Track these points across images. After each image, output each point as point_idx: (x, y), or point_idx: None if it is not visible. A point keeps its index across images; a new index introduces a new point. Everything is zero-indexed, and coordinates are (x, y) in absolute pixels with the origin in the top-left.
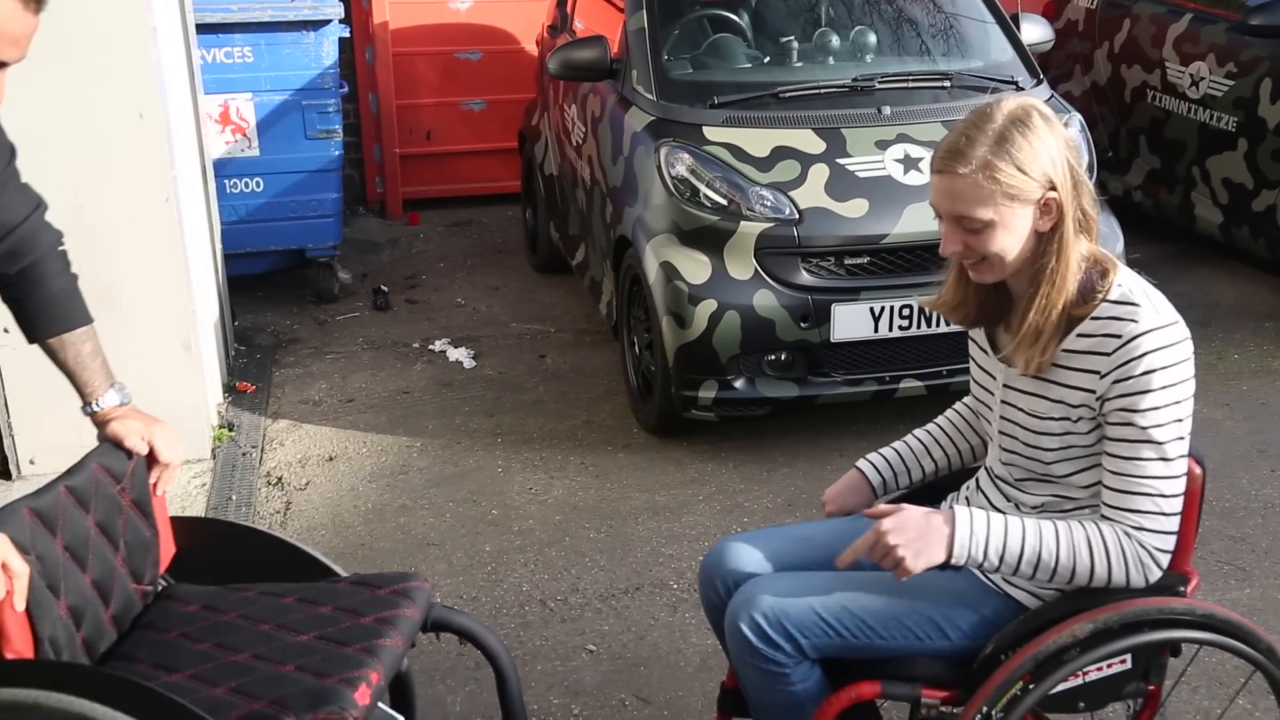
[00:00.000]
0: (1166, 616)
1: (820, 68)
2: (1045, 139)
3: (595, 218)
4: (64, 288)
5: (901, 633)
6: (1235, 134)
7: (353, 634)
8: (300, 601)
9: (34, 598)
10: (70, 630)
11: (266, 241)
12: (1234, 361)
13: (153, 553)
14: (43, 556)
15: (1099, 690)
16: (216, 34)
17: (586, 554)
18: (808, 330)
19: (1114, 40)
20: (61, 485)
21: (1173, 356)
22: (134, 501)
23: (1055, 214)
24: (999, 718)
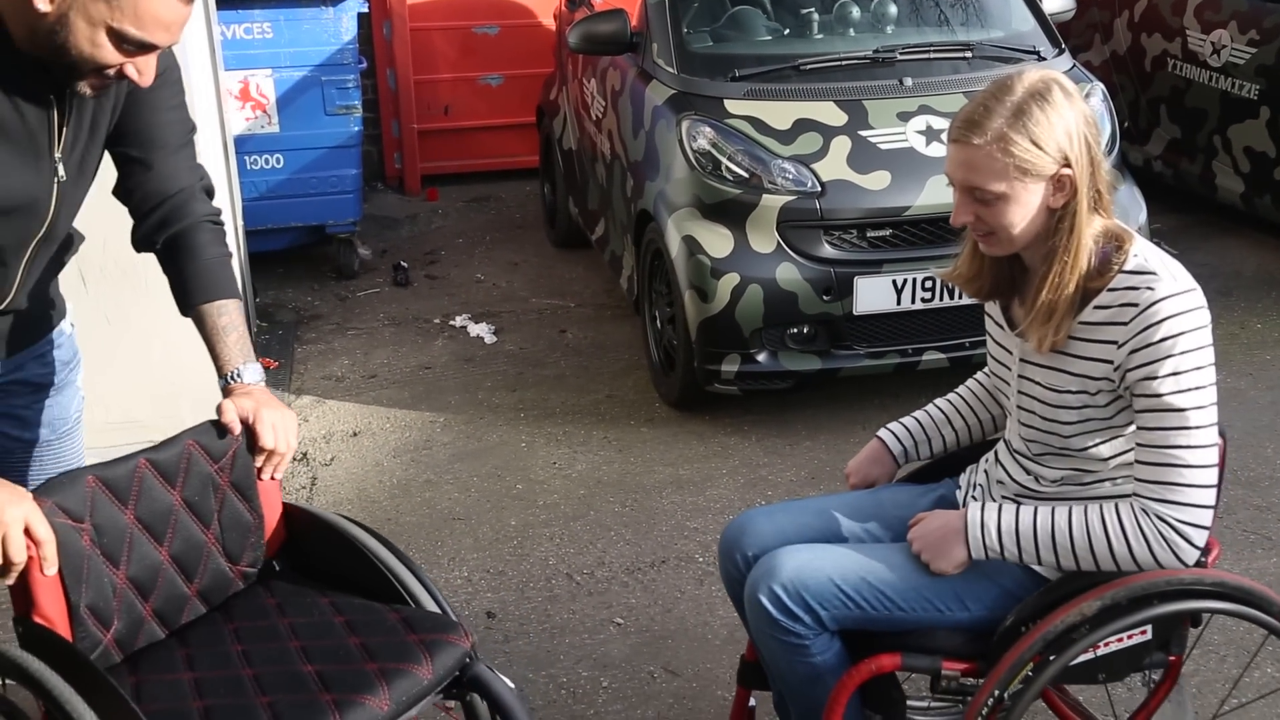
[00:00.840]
0: (1176, 588)
1: (841, 39)
2: (1064, 114)
3: (615, 192)
4: (209, 261)
5: (921, 604)
6: (1257, 102)
7: (342, 681)
8: (342, 622)
9: (70, 565)
10: (131, 601)
11: (286, 218)
12: (1256, 331)
13: (253, 536)
14: (100, 526)
15: (1117, 662)
16: (236, 9)
17: (612, 528)
18: (830, 303)
19: (1134, 9)
20: (142, 458)
21: (1192, 322)
22: (233, 483)
23: (1069, 191)
24: (1014, 694)
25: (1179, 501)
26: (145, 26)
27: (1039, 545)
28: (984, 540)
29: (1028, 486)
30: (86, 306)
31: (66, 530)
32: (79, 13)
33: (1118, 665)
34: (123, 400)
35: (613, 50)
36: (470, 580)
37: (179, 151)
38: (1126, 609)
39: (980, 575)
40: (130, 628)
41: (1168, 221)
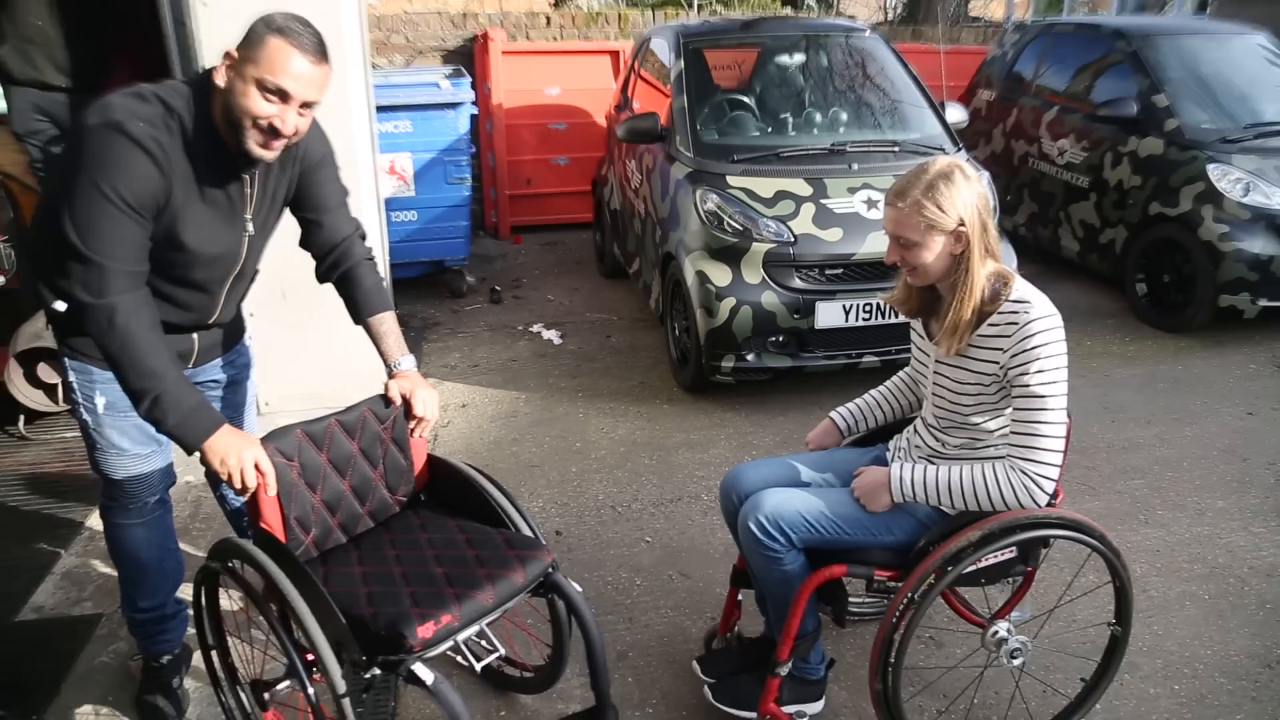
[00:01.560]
0: (1033, 521)
1: (807, 136)
2: (961, 189)
3: (647, 239)
4: (369, 288)
5: (861, 530)
6: (1088, 189)
7: (462, 580)
8: (464, 539)
9: (284, 488)
10: (323, 515)
11: (418, 255)
12: (1086, 346)
13: (406, 475)
14: (305, 464)
15: (994, 572)
16: (388, 112)
17: (642, 474)
18: (799, 320)
19: (1006, 122)
20: (333, 419)
21: (1053, 335)
22: (394, 439)
23: (964, 243)
24: (923, 593)
25: (1036, 460)
26: (276, 71)
27: (939, 492)
28: (902, 489)
29: (936, 450)
30: (285, 313)
31: (282, 466)
32: (239, 77)
33: (993, 574)
34: (308, 379)
35: (648, 140)
36: (544, 509)
37: (339, 210)
38: (999, 536)
39: (902, 511)
40: (323, 534)
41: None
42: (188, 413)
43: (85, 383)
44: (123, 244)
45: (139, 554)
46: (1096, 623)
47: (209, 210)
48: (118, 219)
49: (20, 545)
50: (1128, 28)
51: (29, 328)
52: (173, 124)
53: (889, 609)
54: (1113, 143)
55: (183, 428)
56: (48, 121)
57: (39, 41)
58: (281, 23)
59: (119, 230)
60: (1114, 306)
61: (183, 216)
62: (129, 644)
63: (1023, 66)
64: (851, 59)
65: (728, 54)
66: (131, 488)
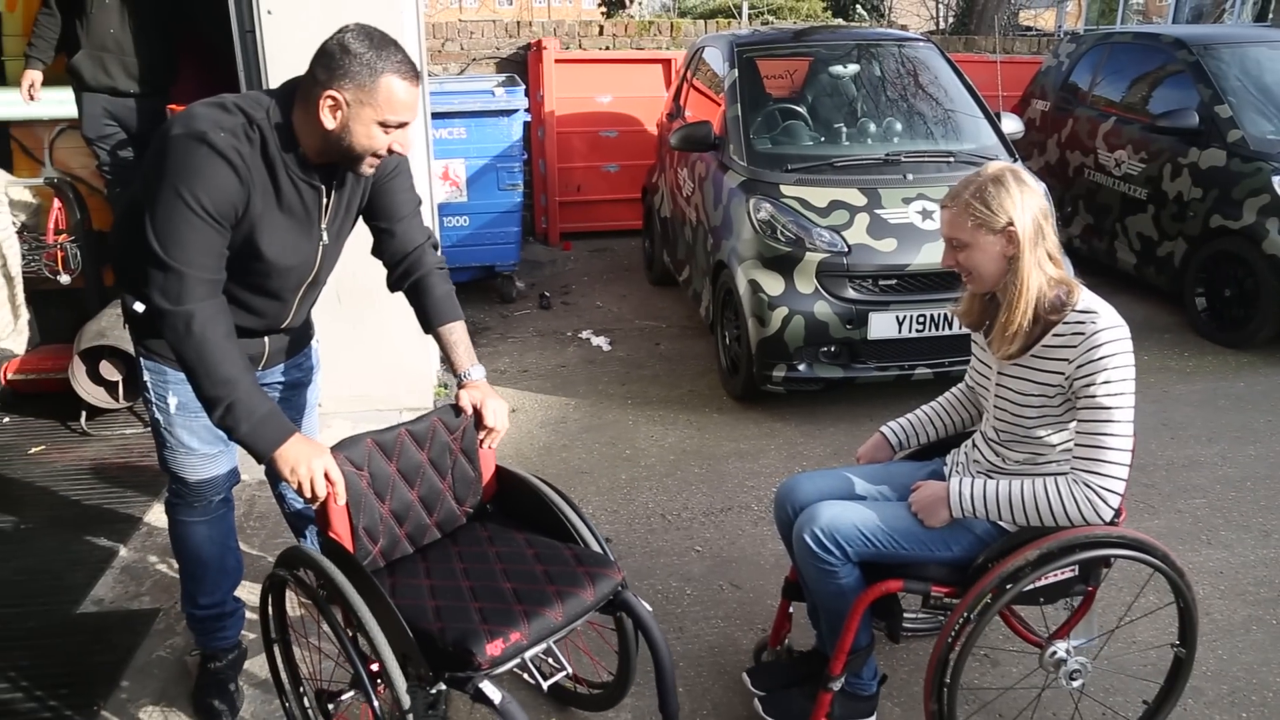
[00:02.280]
0: (1093, 540)
1: (861, 146)
2: (1012, 192)
3: (698, 247)
4: (440, 297)
5: (919, 545)
6: (1145, 201)
7: (531, 596)
8: (532, 554)
9: (353, 498)
10: (391, 525)
11: (469, 260)
12: (1143, 361)
13: (474, 486)
14: (374, 474)
15: (1053, 591)
16: (444, 119)
17: (692, 483)
18: (851, 330)
19: (1061, 133)
20: (403, 428)
21: (1121, 347)
22: (463, 449)
23: (1015, 245)
24: (980, 611)
25: (1102, 474)
26: (398, 111)
27: (1000, 506)
28: (962, 504)
29: (996, 465)
30: (339, 316)
31: (351, 475)
32: (356, 121)
33: (1052, 593)
34: (359, 380)
35: (701, 148)
36: (594, 516)
37: (411, 219)
38: (1058, 554)
39: (960, 527)
40: (391, 544)
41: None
42: (259, 421)
43: (159, 383)
44: (202, 252)
45: (201, 551)
46: (1158, 644)
47: (286, 220)
48: (198, 227)
49: (81, 539)
50: (1189, 37)
51: (93, 326)
52: (254, 135)
53: (945, 627)
54: (1172, 154)
55: (254, 436)
56: (117, 126)
57: (112, 49)
58: (382, 57)
59: (199, 238)
60: (1171, 321)
61: (260, 226)
62: (186, 639)
63: (1079, 77)
64: (905, 68)
65: (779, 63)
66: (198, 486)
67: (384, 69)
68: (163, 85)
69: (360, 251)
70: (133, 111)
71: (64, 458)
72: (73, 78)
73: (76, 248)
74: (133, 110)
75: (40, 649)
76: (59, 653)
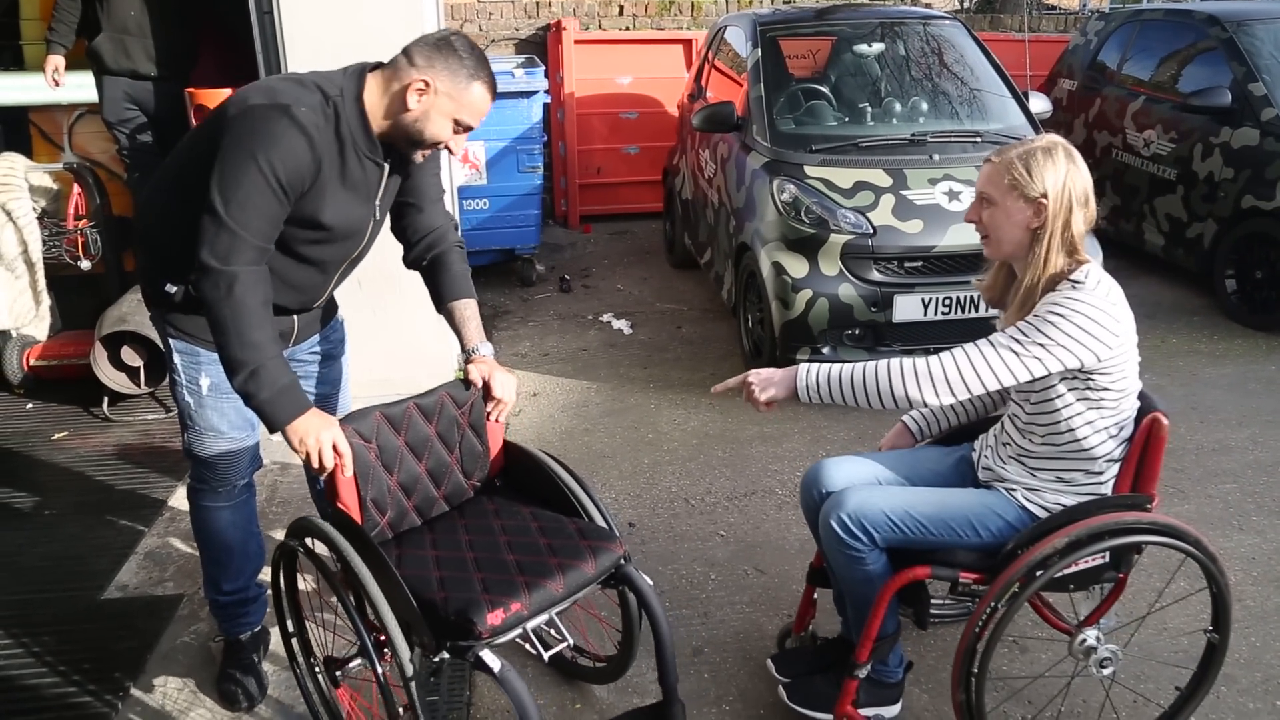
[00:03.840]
0: (1124, 526)
1: (887, 126)
2: (1058, 165)
3: (720, 230)
4: (457, 273)
5: (947, 531)
6: (1175, 182)
7: (533, 568)
8: (536, 527)
9: (361, 470)
10: (399, 498)
11: (489, 243)
12: (1172, 344)
13: (482, 461)
14: (382, 446)
15: (1083, 577)
16: None
17: (716, 467)
18: (876, 313)
19: (1088, 113)
20: (411, 402)
21: (1077, 307)
22: (471, 424)
23: (1043, 218)
24: (1010, 598)
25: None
26: (473, 116)
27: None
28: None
29: (1025, 449)
30: (360, 299)
31: (359, 448)
32: (435, 110)
33: (1082, 580)
34: (380, 364)
35: (724, 129)
36: (617, 500)
37: (437, 202)
38: (1088, 541)
39: (991, 511)
40: (399, 516)
41: (1110, 264)
42: (280, 390)
43: (191, 364)
44: (262, 218)
45: (224, 537)
46: (1189, 631)
47: (347, 193)
48: (265, 194)
49: (105, 525)
50: (1221, 13)
51: (114, 311)
52: (329, 111)
53: (973, 615)
54: (1203, 133)
55: (272, 404)
56: (137, 110)
57: (133, 32)
58: (478, 64)
59: (263, 205)
60: (1200, 303)
61: (324, 196)
62: (209, 625)
63: (1107, 55)
64: (930, 47)
65: (802, 43)
66: (223, 470)
67: (479, 77)
68: (183, 69)
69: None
70: (152, 95)
71: (87, 443)
72: (93, 61)
73: (96, 233)
74: (152, 94)
75: (66, 634)
76: (84, 638)
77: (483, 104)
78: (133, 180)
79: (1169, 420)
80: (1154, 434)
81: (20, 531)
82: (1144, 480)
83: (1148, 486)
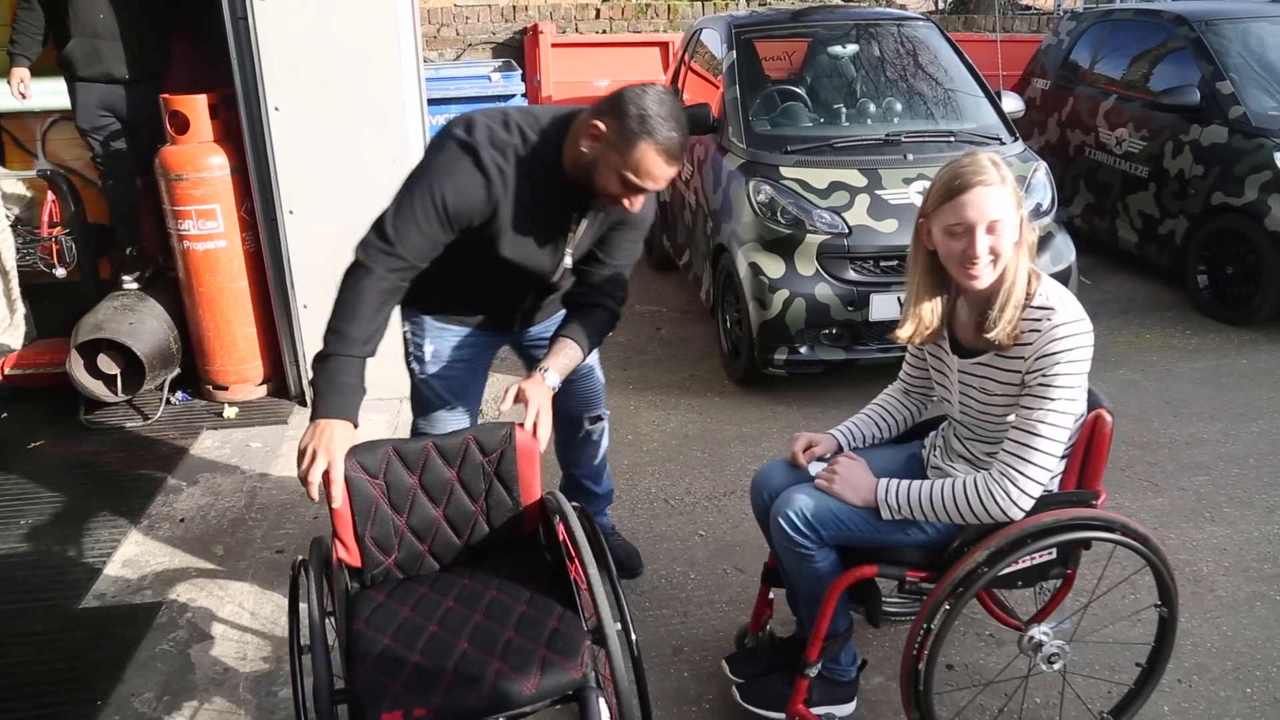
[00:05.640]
0: (1066, 523)
1: (861, 126)
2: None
3: (698, 231)
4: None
5: (894, 528)
6: (1147, 179)
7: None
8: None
9: (362, 505)
10: (411, 540)
11: None
12: (1146, 340)
13: (511, 516)
14: (391, 484)
15: (1031, 574)
16: (439, 105)
17: (695, 468)
18: (853, 312)
19: (1061, 112)
20: (430, 441)
21: (1076, 343)
22: (498, 474)
23: (1020, 230)
24: (957, 595)
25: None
26: (641, 177)
27: (924, 508)
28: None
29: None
30: None
31: (361, 482)
32: (604, 160)
33: (1031, 576)
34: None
35: (700, 131)
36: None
37: (622, 267)
38: (1034, 538)
39: None
40: (409, 559)
41: (1084, 261)
42: (335, 387)
43: (416, 331)
44: (419, 236)
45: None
46: (1143, 608)
47: (533, 232)
48: (429, 218)
49: (82, 533)
50: (1189, 13)
51: (89, 319)
52: (523, 154)
53: (919, 614)
54: (1173, 131)
55: (322, 394)
56: (111, 117)
57: (103, 34)
58: (654, 123)
59: (424, 226)
60: (1173, 299)
61: (503, 234)
62: (188, 632)
63: (1079, 55)
64: (905, 48)
65: (778, 45)
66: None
67: (650, 135)
68: (156, 70)
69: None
70: (125, 100)
71: (64, 452)
72: (64, 69)
73: (71, 240)
74: (125, 99)
75: (43, 645)
76: (61, 649)
77: (650, 166)
78: (107, 188)
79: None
80: (1098, 430)
81: None
82: (1089, 476)
83: (1093, 483)
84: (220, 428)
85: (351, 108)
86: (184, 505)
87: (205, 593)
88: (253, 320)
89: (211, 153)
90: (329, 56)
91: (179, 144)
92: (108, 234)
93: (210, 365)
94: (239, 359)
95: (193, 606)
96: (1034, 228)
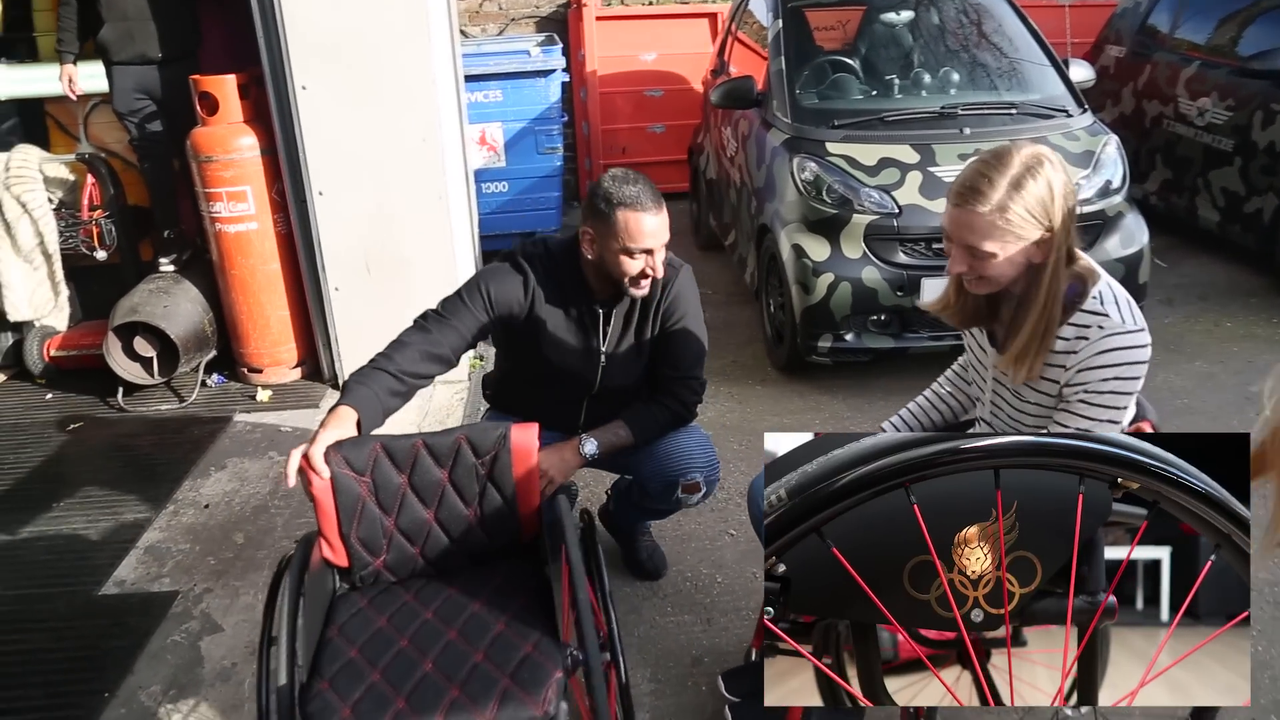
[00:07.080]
0: None
1: (915, 99)
2: (1055, 187)
3: (743, 210)
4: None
5: None
6: (1231, 153)
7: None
8: (496, 631)
9: (347, 504)
10: (401, 542)
11: (509, 227)
12: (1227, 329)
13: (507, 522)
14: (377, 482)
15: None
16: (478, 82)
17: (730, 461)
18: (902, 297)
19: (1137, 81)
20: (420, 439)
21: (1127, 356)
22: (491, 477)
23: (1045, 253)
24: None
25: None
26: (635, 239)
27: None
28: None
29: None
30: (369, 286)
31: (346, 479)
32: (605, 249)
33: None
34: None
35: (744, 105)
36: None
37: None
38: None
39: None
40: (399, 560)
41: (1160, 242)
42: (358, 380)
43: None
44: (461, 317)
45: None
46: None
47: (565, 331)
48: (474, 302)
49: (110, 518)
50: None
51: (125, 302)
52: (550, 265)
53: None
54: (1264, 100)
55: (346, 386)
56: (147, 99)
57: (134, 17)
58: (618, 193)
59: (464, 312)
60: (1258, 284)
61: (541, 330)
62: (201, 623)
63: (1158, 19)
64: (965, 14)
65: (830, 14)
66: None
67: (619, 204)
68: (189, 49)
69: (392, 222)
70: (160, 82)
71: (101, 434)
72: (101, 54)
73: (111, 223)
74: (160, 80)
75: (61, 632)
76: (78, 636)
77: (633, 226)
78: (145, 170)
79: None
80: None
81: (28, 524)
82: None
83: None
84: (253, 411)
85: (380, 86)
86: (210, 491)
87: (221, 582)
88: (285, 303)
89: (241, 134)
90: (356, 34)
91: (209, 125)
92: (148, 216)
93: (244, 348)
94: (272, 342)
95: (208, 597)
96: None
